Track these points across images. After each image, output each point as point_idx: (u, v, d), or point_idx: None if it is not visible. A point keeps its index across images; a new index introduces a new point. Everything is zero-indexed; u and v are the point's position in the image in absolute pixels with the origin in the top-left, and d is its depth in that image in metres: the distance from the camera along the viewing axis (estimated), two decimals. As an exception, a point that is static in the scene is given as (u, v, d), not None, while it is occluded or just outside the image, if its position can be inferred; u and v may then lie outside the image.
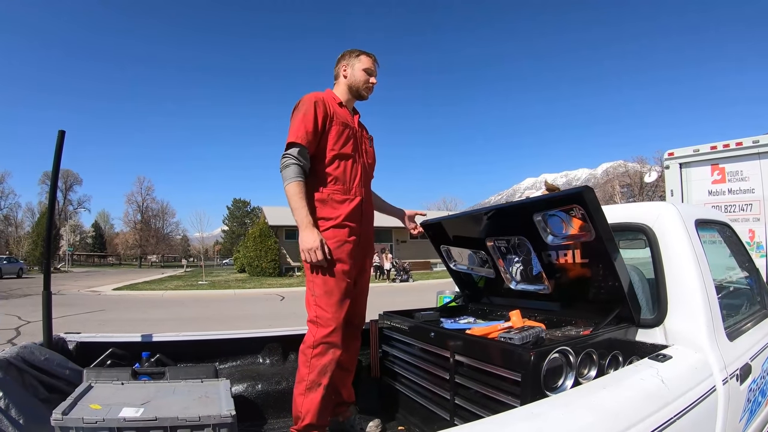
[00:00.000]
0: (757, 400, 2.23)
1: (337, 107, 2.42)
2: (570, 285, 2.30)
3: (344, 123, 2.39)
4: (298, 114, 2.31)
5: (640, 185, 47.67)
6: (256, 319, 11.24)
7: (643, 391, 1.51)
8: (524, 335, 1.79)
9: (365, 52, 2.52)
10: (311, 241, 2.15)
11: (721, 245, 2.71)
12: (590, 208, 1.87)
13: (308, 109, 2.28)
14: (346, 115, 2.45)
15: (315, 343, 2.23)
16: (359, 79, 2.48)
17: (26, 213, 63.25)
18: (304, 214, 2.19)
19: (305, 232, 2.17)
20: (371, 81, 2.51)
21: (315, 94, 2.38)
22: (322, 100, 2.34)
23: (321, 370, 2.21)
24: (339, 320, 2.24)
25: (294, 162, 2.23)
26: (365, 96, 2.55)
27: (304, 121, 2.27)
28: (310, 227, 2.18)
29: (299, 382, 2.24)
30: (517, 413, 1.30)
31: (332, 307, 2.23)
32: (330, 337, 2.22)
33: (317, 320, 2.25)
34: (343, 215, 2.31)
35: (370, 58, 2.51)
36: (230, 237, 78.31)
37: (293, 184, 2.21)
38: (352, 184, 2.38)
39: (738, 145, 6.01)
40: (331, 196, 2.32)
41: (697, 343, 1.91)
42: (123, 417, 1.66)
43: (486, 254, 2.65)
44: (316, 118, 2.28)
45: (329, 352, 2.22)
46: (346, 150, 2.37)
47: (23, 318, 10.89)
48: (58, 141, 2.39)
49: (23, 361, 2.09)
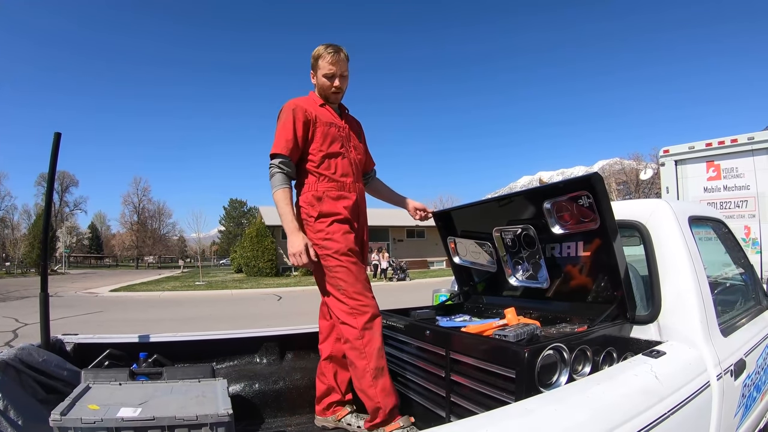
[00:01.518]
0: (752, 396, 2.25)
1: (318, 109, 2.44)
2: (571, 280, 2.33)
3: (328, 123, 2.43)
4: (278, 124, 2.39)
5: (636, 182, 47.82)
6: (253, 319, 11.24)
7: (637, 386, 1.52)
8: (519, 332, 1.81)
9: (324, 53, 2.43)
10: (297, 245, 2.24)
11: (715, 242, 2.73)
12: (598, 195, 1.93)
13: (287, 119, 2.36)
14: (330, 115, 2.48)
15: (360, 332, 2.24)
16: (323, 86, 2.47)
17: (23, 215, 63.04)
18: (290, 219, 2.28)
19: (292, 236, 2.26)
20: (335, 85, 2.45)
21: (294, 101, 2.42)
22: (300, 107, 2.38)
23: (378, 355, 2.23)
24: (373, 303, 2.31)
25: (278, 171, 2.33)
26: (334, 101, 2.54)
27: (284, 131, 2.35)
28: (296, 232, 2.26)
29: (362, 376, 2.23)
30: (511, 409, 1.32)
31: (363, 292, 2.30)
32: (372, 322, 2.26)
33: (355, 310, 2.26)
34: (339, 212, 2.36)
35: (327, 57, 2.42)
36: (227, 237, 78.21)
37: (279, 191, 2.32)
38: (346, 181, 2.43)
39: (733, 142, 6.04)
40: (327, 194, 2.37)
41: (691, 339, 1.93)
42: (121, 417, 1.67)
43: (491, 246, 2.68)
44: (295, 127, 2.34)
45: (376, 335, 2.26)
46: (333, 149, 2.42)
47: (20, 320, 10.86)
48: (54, 143, 2.39)
49: (21, 362, 2.09)
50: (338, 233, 2.31)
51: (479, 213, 2.78)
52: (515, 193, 2.45)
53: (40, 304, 2.34)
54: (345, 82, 2.50)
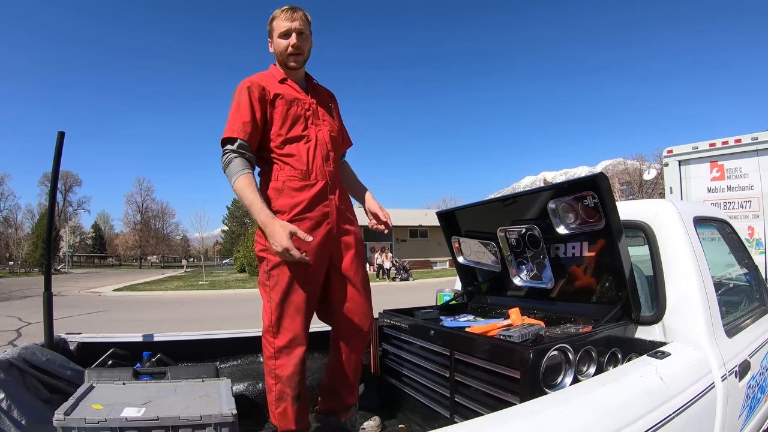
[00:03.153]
0: (756, 397, 2.24)
1: (277, 85, 2.17)
2: (575, 280, 2.32)
3: (288, 101, 2.15)
4: (232, 105, 2.11)
5: (640, 183, 47.74)
6: (256, 319, 11.18)
7: (641, 388, 1.51)
8: (523, 333, 1.80)
9: (278, 10, 2.18)
10: (282, 239, 1.88)
11: (720, 242, 2.72)
12: (603, 195, 1.93)
13: (242, 98, 2.08)
14: (291, 90, 2.20)
15: (276, 354, 2.10)
16: (280, 50, 2.19)
17: (26, 214, 63.39)
18: (260, 207, 1.94)
19: (269, 228, 1.91)
20: (291, 44, 2.16)
21: (249, 78, 2.15)
22: (256, 83, 2.11)
23: (289, 383, 2.09)
24: (298, 329, 2.09)
25: (236, 155, 2.03)
26: (294, 65, 2.22)
27: (239, 112, 2.06)
28: (271, 219, 1.92)
29: (268, 391, 2.14)
30: (516, 410, 1.31)
31: (291, 314, 2.08)
32: (290, 346, 2.09)
33: (272, 329, 2.10)
34: (302, 204, 2.08)
35: (282, 15, 2.17)
36: (230, 237, 78.26)
37: (240, 177, 1.99)
38: (312, 167, 2.13)
39: (737, 142, 6.03)
40: (287, 184, 2.09)
41: (696, 340, 1.92)
42: (125, 417, 1.67)
43: (495, 246, 2.67)
44: (251, 106, 2.07)
45: (290, 362, 2.09)
46: (295, 132, 2.15)
47: (24, 319, 10.91)
48: (58, 142, 2.39)
49: (25, 362, 2.09)
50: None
51: (483, 213, 2.78)
52: (520, 193, 2.45)
53: (44, 304, 2.34)
54: (306, 43, 2.22)
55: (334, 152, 2.26)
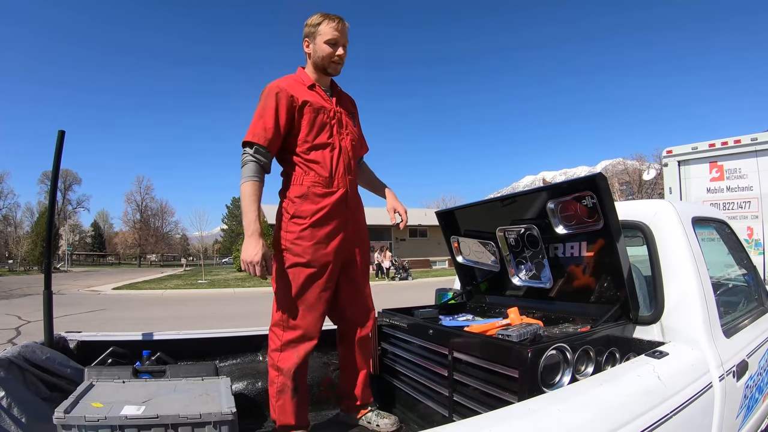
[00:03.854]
0: (754, 397, 2.24)
1: (306, 92, 2.21)
2: (574, 280, 2.33)
3: (316, 109, 2.20)
4: (258, 107, 2.15)
5: (639, 183, 47.75)
6: (256, 317, 11.24)
7: (639, 387, 1.52)
8: (522, 332, 1.80)
9: (327, 17, 2.21)
10: (251, 254, 1.99)
11: (718, 243, 2.73)
12: (602, 195, 1.93)
13: (268, 103, 2.12)
14: (319, 99, 2.24)
15: (281, 345, 2.18)
16: (323, 55, 2.22)
17: (25, 213, 63.28)
18: (251, 219, 2.04)
19: (248, 240, 2.01)
20: (337, 54, 2.22)
21: (277, 82, 2.19)
22: (284, 90, 2.14)
23: (292, 374, 2.17)
24: (307, 326, 2.18)
25: (252, 160, 2.10)
26: (333, 72, 2.29)
27: (262, 117, 2.11)
28: (255, 236, 2.01)
29: (270, 384, 2.22)
30: (514, 409, 1.32)
31: (302, 311, 2.17)
32: (298, 342, 2.18)
33: (282, 323, 2.19)
34: (324, 210, 2.17)
35: (332, 23, 2.20)
36: (230, 236, 78.23)
37: (249, 183, 2.08)
38: (335, 175, 2.21)
39: (736, 142, 6.03)
40: (312, 190, 2.17)
41: (694, 339, 1.93)
42: (125, 415, 1.67)
43: (494, 246, 2.68)
44: (277, 113, 2.11)
45: (297, 356, 2.17)
46: (321, 139, 2.20)
47: (23, 318, 10.91)
48: (58, 141, 2.40)
49: (25, 360, 2.10)
50: (307, 242, 2.14)
51: (483, 212, 2.78)
52: (519, 192, 2.45)
53: (44, 302, 2.35)
54: (345, 54, 2.27)
55: (354, 160, 2.34)
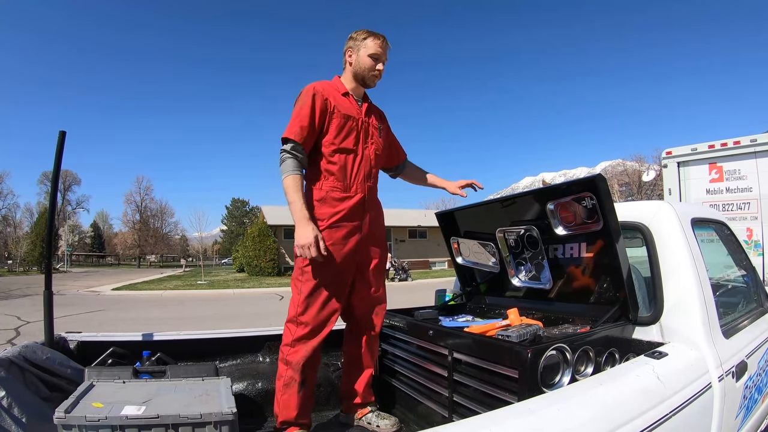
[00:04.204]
0: (753, 397, 2.25)
1: (339, 98, 2.33)
2: (573, 281, 2.34)
3: (346, 115, 2.30)
4: (295, 107, 2.26)
5: (639, 184, 47.75)
6: (255, 318, 11.26)
7: (639, 387, 1.53)
8: (522, 333, 1.81)
9: (373, 34, 2.35)
10: (306, 237, 2.08)
11: (718, 244, 2.73)
12: (601, 196, 1.95)
13: (305, 103, 2.23)
14: (350, 106, 2.35)
15: (292, 341, 2.24)
16: (364, 67, 2.35)
17: (25, 213, 63.10)
18: (299, 207, 2.13)
19: (300, 226, 2.10)
20: (377, 68, 2.36)
21: (315, 84, 2.30)
22: (321, 93, 2.26)
23: (300, 368, 2.22)
24: (319, 323, 2.24)
25: (290, 156, 2.20)
26: (371, 84, 2.41)
27: (299, 116, 2.22)
28: (305, 221, 2.11)
29: (278, 378, 2.27)
30: (514, 409, 1.32)
31: (315, 309, 2.23)
32: (306, 337, 2.23)
33: (295, 319, 2.25)
34: (341, 213, 2.25)
35: (377, 41, 2.34)
36: (229, 237, 78.21)
37: (289, 177, 2.17)
38: (354, 180, 2.31)
39: (736, 143, 6.03)
40: (330, 194, 2.26)
41: (693, 340, 1.93)
42: (125, 415, 1.67)
43: (494, 247, 2.68)
44: (312, 113, 2.22)
45: (304, 350, 2.23)
46: (347, 144, 2.30)
47: (23, 318, 10.91)
48: (59, 142, 2.40)
49: (25, 360, 2.10)
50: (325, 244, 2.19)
51: (482, 213, 2.79)
52: (519, 194, 2.45)
53: (44, 302, 2.35)
54: (383, 71, 2.40)
55: (376, 168, 2.44)
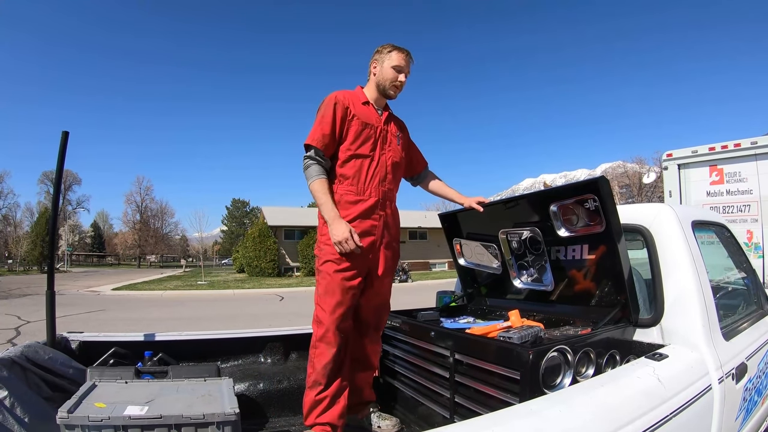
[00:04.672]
0: (753, 399, 2.25)
1: (359, 106, 2.41)
2: (575, 283, 2.34)
3: (364, 123, 2.38)
4: (318, 115, 2.36)
5: (639, 186, 47.69)
6: (255, 319, 11.25)
7: (639, 389, 1.53)
8: (523, 334, 1.82)
9: (398, 48, 2.44)
10: (341, 233, 2.18)
11: (718, 246, 2.74)
12: (604, 197, 1.96)
13: (326, 112, 2.32)
14: (370, 115, 2.43)
15: (315, 342, 2.30)
16: (387, 77, 2.42)
17: (25, 213, 63.04)
18: (330, 207, 2.25)
19: (334, 224, 2.21)
20: (399, 79, 2.44)
21: (337, 94, 2.38)
22: (342, 102, 2.35)
23: (323, 372, 2.26)
24: (333, 321, 2.27)
25: (314, 162, 2.30)
26: (392, 95, 2.49)
27: (321, 124, 2.31)
28: (338, 219, 2.22)
29: (307, 378, 2.34)
30: (515, 410, 1.33)
31: (329, 307, 2.27)
32: (325, 337, 2.27)
33: (316, 318, 2.32)
34: (351, 216, 2.30)
35: (401, 54, 2.43)
36: (229, 237, 78.23)
37: (316, 181, 2.28)
38: (368, 185, 2.36)
39: (736, 146, 6.04)
40: (344, 197, 2.33)
41: (693, 342, 1.94)
42: (128, 415, 1.68)
43: (496, 248, 2.69)
44: (333, 121, 2.31)
45: (326, 352, 2.27)
46: (363, 150, 2.37)
47: (23, 318, 10.91)
48: (62, 142, 2.41)
49: (27, 359, 2.11)
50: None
51: (485, 215, 2.79)
52: (522, 195, 2.46)
53: (47, 302, 2.36)
54: (405, 83, 2.48)
55: (392, 175, 2.47)
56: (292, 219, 33.91)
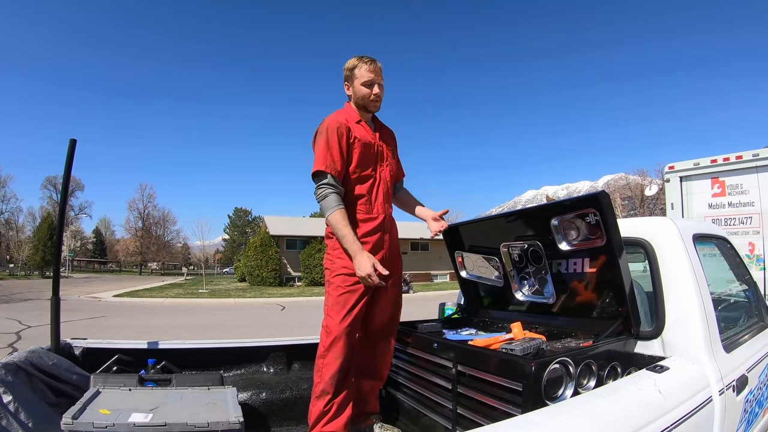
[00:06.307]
0: (753, 411, 2.26)
1: (356, 127, 2.39)
2: (576, 295, 2.35)
3: (366, 144, 2.38)
4: (321, 141, 2.31)
5: (641, 198, 47.65)
6: (256, 329, 11.24)
7: (640, 401, 1.54)
8: (525, 346, 1.83)
9: (361, 60, 2.40)
10: (366, 267, 2.16)
11: (719, 259, 2.75)
12: (605, 212, 1.98)
13: (332, 137, 2.28)
14: (366, 133, 2.42)
15: (323, 351, 2.28)
16: (362, 95, 2.40)
17: (27, 217, 63.26)
18: (351, 239, 2.21)
19: (358, 258, 2.18)
20: (374, 93, 2.40)
21: (336, 117, 2.36)
22: (344, 125, 2.32)
23: (330, 381, 2.25)
24: (341, 330, 2.26)
25: (332, 191, 2.25)
26: (374, 108, 2.47)
27: (329, 150, 2.27)
28: (361, 252, 2.19)
29: (313, 388, 2.32)
30: (517, 421, 1.34)
31: (339, 317, 2.26)
32: (335, 347, 2.25)
33: (325, 328, 2.31)
34: (363, 231, 2.33)
35: (365, 67, 2.39)
36: (231, 246, 78.31)
37: (336, 212, 2.23)
38: (375, 203, 2.39)
39: (738, 158, 6.07)
40: (355, 216, 2.34)
41: (694, 354, 1.95)
42: (133, 422, 1.69)
43: (498, 261, 2.70)
44: (341, 147, 2.28)
45: (335, 362, 2.25)
46: (367, 171, 2.38)
47: (24, 322, 10.93)
48: (69, 150, 2.44)
49: (32, 365, 2.12)
50: (346, 258, 2.28)
51: (487, 228, 2.81)
52: (523, 209, 2.48)
53: (52, 308, 2.38)
54: (382, 91, 2.44)
55: (392, 188, 2.53)
56: (294, 229, 33.92)
